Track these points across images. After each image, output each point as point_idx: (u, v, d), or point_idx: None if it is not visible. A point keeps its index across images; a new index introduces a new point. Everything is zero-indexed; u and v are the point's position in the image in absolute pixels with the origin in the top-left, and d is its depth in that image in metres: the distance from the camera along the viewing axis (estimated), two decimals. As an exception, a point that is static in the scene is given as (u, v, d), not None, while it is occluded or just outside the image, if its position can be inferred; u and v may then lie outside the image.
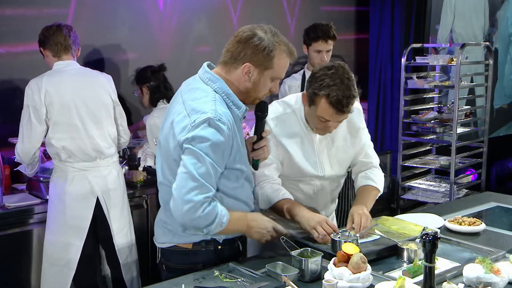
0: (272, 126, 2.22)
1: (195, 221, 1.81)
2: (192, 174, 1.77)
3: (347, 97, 2.04)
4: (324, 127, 2.16)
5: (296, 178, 2.31)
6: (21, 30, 3.39)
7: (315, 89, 2.08)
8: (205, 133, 1.77)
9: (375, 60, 5.27)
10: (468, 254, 2.08)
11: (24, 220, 2.97)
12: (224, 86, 1.88)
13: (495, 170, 5.13)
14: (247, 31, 1.86)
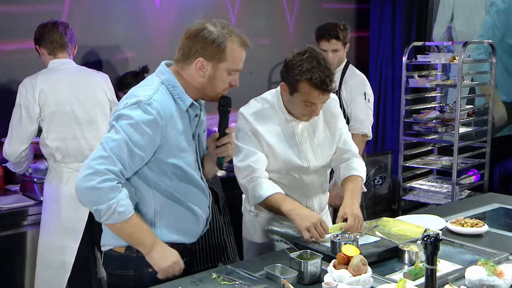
0: (251, 121, 2.24)
1: (88, 192, 1.73)
2: (103, 146, 1.76)
3: (328, 75, 2.10)
4: (309, 111, 2.18)
5: (282, 172, 2.29)
6: (14, 27, 3.36)
7: (296, 76, 2.11)
8: (131, 112, 1.77)
9: (376, 58, 5.25)
10: (471, 256, 2.06)
11: (18, 222, 2.95)
12: (171, 78, 1.87)
13: (498, 170, 5.10)
14: (196, 26, 1.84)
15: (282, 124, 2.27)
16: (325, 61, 2.13)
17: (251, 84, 4.54)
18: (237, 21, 4.40)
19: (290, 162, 2.26)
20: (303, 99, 2.14)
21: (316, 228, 2.06)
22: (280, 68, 4.92)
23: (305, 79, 2.09)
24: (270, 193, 2.16)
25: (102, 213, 1.75)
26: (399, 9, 5.13)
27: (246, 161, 2.20)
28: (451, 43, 4.91)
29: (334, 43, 3.36)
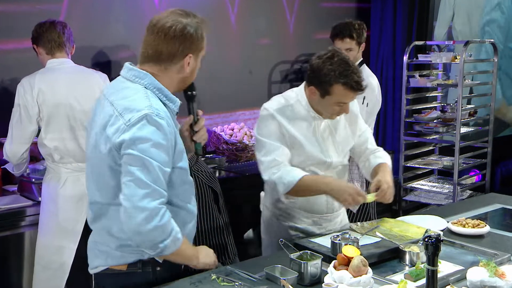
0: (276, 115, 2.29)
1: (152, 233, 1.67)
2: (140, 180, 1.65)
3: (360, 76, 2.20)
4: (340, 110, 2.27)
5: (305, 167, 2.32)
6: (12, 27, 3.35)
7: (330, 80, 2.18)
8: (145, 132, 1.67)
9: (377, 58, 5.24)
10: (472, 257, 2.05)
11: (16, 223, 2.93)
12: (154, 81, 1.79)
13: (500, 171, 5.08)
14: (174, 23, 1.76)
15: (306, 121, 2.33)
16: (350, 61, 2.21)
17: (251, 84, 4.54)
18: (236, 20, 4.39)
19: (314, 157, 2.32)
20: (336, 101, 2.22)
21: (354, 199, 2.16)
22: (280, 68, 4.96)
23: (340, 82, 2.17)
24: (299, 176, 2.20)
25: (168, 246, 1.72)
26: (400, 8, 5.11)
27: (271, 156, 2.25)
28: (452, 42, 4.89)
29: (348, 42, 3.39)
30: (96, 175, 1.79)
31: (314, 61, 2.23)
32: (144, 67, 1.81)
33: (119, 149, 1.69)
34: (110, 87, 1.87)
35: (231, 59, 4.40)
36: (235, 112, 4.45)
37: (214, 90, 4.30)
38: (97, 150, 1.76)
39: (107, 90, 1.86)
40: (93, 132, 1.80)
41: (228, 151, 4.09)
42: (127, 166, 1.67)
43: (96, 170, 1.79)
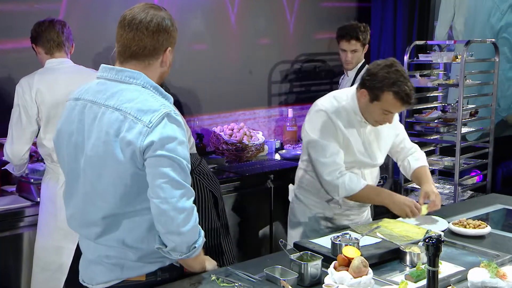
0: (333, 119, 2.43)
1: (190, 233, 1.68)
2: (175, 180, 1.64)
3: (412, 90, 2.30)
4: (384, 118, 2.39)
5: (351, 167, 2.50)
6: (10, 26, 3.33)
7: (382, 86, 2.29)
8: (169, 131, 1.65)
9: (377, 57, 5.21)
10: (473, 258, 2.05)
11: (14, 223, 2.91)
12: (149, 80, 1.75)
13: (501, 171, 5.06)
14: (153, 17, 1.74)
15: (355, 124, 2.47)
16: (407, 75, 2.32)
17: (251, 84, 4.53)
18: (236, 20, 4.37)
19: (361, 160, 2.50)
20: (383, 108, 2.33)
21: (412, 212, 2.37)
22: (280, 68, 4.95)
23: (391, 91, 2.27)
24: (361, 186, 2.41)
25: (199, 247, 1.73)
26: (400, 7, 5.10)
27: (332, 158, 2.41)
28: (453, 42, 4.87)
29: (354, 43, 3.56)
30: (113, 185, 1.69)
31: (372, 66, 2.37)
32: (127, 66, 1.76)
33: (144, 153, 1.64)
34: (95, 92, 1.75)
35: (231, 59, 4.39)
36: (235, 112, 4.43)
37: (214, 90, 4.29)
38: (110, 158, 1.67)
39: (92, 96, 1.75)
40: (94, 140, 1.70)
41: (227, 151, 4.08)
42: (158, 168, 1.63)
43: (111, 180, 1.69)
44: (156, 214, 1.66)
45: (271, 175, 3.83)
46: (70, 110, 1.80)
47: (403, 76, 2.29)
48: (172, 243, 1.69)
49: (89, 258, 1.83)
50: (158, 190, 1.64)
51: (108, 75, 1.77)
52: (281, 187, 3.85)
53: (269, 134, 4.66)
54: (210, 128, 4.28)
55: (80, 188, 1.77)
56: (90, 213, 1.76)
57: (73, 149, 1.77)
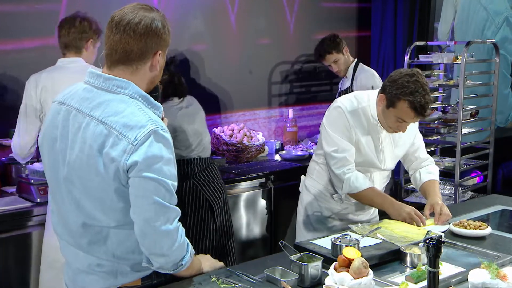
0: (349, 117, 2.48)
1: (175, 253, 1.67)
2: (159, 203, 1.59)
3: (428, 102, 2.30)
4: (398, 126, 2.41)
5: (360, 166, 2.54)
6: (10, 27, 3.34)
7: (399, 94, 2.31)
8: (155, 150, 1.58)
9: (377, 58, 5.21)
10: (474, 259, 2.05)
11: (14, 224, 2.90)
12: (138, 89, 1.66)
13: (501, 172, 5.06)
14: (141, 18, 1.64)
15: (371, 127, 2.52)
16: (427, 88, 2.32)
17: (251, 84, 4.53)
18: (236, 20, 4.37)
19: (370, 162, 2.55)
20: (397, 116, 2.36)
21: (412, 218, 2.36)
22: (280, 68, 4.95)
23: (407, 99, 2.29)
24: (365, 186, 2.46)
25: (187, 261, 1.72)
26: (400, 8, 5.09)
27: (344, 154, 2.47)
28: (453, 42, 4.87)
29: (330, 57, 3.91)
30: (97, 199, 1.65)
31: (394, 73, 2.39)
32: (114, 72, 1.67)
33: (128, 171, 1.58)
34: (80, 99, 1.68)
35: (231, 60, 4.39)
36: (235, 112, 4.43)
37: (214, 90, 4.28)
38: (93, 173, 1.61)
39: (77, 103, 1.68)
40: (77, 151, 1.64)
41: (228, 152, 4.07)
42: (142, 190, 1.59)
43: (96, 193, 1.64)
44: (138, 236, 1.63)
45: (271, 176, 3.83)
46: (55, 114, 1.73)
47: (423, 87, 2.30)
48: (157, 263, 1.68)
49: (77, 267, 1.77)
50: (140, 212, 1.60)
51: (96, 82, 1.68)
52: (281, 188, 3.84)
53: (269, 134, 4.65)
54: (210, 129, 4.27)
55: (64, 196, 1.71)
56: (73, 222, 1.71)
57: (56, 155, 1.71)
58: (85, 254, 1.73)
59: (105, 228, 1.68)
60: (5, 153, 3.33)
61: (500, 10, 5.33)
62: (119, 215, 1.65)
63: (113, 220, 1.66)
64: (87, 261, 1.74)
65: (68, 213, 1.72)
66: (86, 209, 1.67)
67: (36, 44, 3.41)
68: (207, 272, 1.90)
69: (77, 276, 1.78)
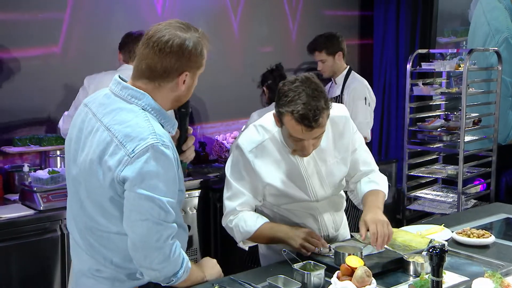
0: (251, 158, 2.08)
1: (166, 268, 1.65)
2: (152, 220, 1.58)
3: (313, 109, 1.87)
4: (300, 147, 1.99)
5: (289, 204, 2.17)
6: (15, 35, 3.36)
7: (280, 107, 1.93)
8: (151, 167, 1.55)
9: (380, 66, 5.22)
10: (477, 268, 2.02)
11: (17, 232, 2.90)
12: (152, 102, 1.64)
13: (505, 180, 5.04)
14: (171, 37, 1.63)
15: (285, 156, 2.10)
16: (316, 91, 1.90)
17: (253, 91, 4.52)
18: (239, 28, 4.38)
19: (296, 197, 2.14)
20: (289, 133, 1.96)
21: (310, 242, 2.03)
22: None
23: (286, 111, 1.90)
24: (256, 226, 2.08)
25: (180, 276, 1.69)
26: (403, 16, 5.10)
27: (234, 202, 2.11)
28: (456, 50, 4.88)
29: (318, 55, 3.74)
30: (98, 204, 1.66)
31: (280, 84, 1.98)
32: (138, 83, 1.67)
33: (122, 183, 1.58)
34: (98, 104, 1.70)
35: (233, 67, 4.40)
36: (238, 120, 4.43)
37: (217, 98, 4.29)
38: (95, 178, 1.62)
39: (95, 107, 1.70)
40: (85, 154, 1.66)
41: (230, 159, 4.07)
42: (136, 205, 1.58)
43: (96, 197, 1.65)
44: (129, 248, 1.63)
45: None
46: (78, 114, 1.76)
47: (305, 93, 1.88)
48: (148, 276, 1.68)
49: (80, 268, 1.78)
50: (133, 226, 1.60)
51: (115, 89, 1.69)
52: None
53: (272, 142, 4.64)
54: (213, 137, 4.27)
55: (73, 195, 1.75)
56: (80, 221, 1.73)
57: (69, 154, 1.74)
58: (88, 256, 1.74)
59: (105, 233, 1.68)
60: (8, 161, 3.34)
61: (501, 28, 5.34)
62: (117, 221, 1.65)
63: (114, 226, 1.67)
64: (88, 264, 1.75)
65: (75, 212, 1.75)
66: (89, 212, 1.68)
67: (40, 52, 3.43)
68: (210, 280, 1.89)
69: (79, 279, 1.80)
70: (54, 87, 3.52)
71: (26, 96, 3.39)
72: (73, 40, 3.59)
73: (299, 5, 4.79)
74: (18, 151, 3.20)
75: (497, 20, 5.36)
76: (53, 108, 3.53)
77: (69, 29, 3.47)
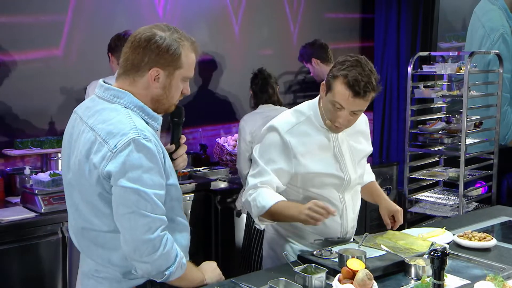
0: (287, 139, 2.12)
1: (158, 261, 1.65)
2: (138, 212, 1.60)
3: (365, 81, 1.99)
4: (336, 116, 2.07)
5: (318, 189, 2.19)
6: (16, 38, 3.36)
7: (335, 72, 2.05)
8: (134, 159, 1.59)
9: (381, 68, 5.22)
10: (479, 271, 2.02)
11: (19, 235, 2.90)
12: (133, 100, 1.69)
13: (506, 182, 5.03)
14: (144, 32, 1.68)
15: (321, 136, 2.17)
16: (370, 71, 2.03)
17: (255, 94, 4.52)
18: (240, 31, 4.39)
19: (330, 176, 2.17)
20: (333, 100, 2.05)
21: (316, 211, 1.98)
22: (284, 79, 4.95)
23: (340, 75, 2.01)
24: (273, 202, 2.06)
25: (173, 272, 1.69)
26: (404, 19, 5.10)
27: (256, 179, 2.13)
28: (457, 53, 4.88)
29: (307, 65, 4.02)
30: (90, 203, 1.70)
31: None
32: (118, 83, 1.73)
33: (108, 178, 1.62)
34: (85, 108, 1.76)
35: (234, 70, 4.40)
36: (239, 122, 4.43)
37: (218, 100, 4.29)
38: (84, 178, 1.67)
39: (82, 111, 1.76)
40: (74, 157, 1.72)
41: (231, 162, 4.07)
42: (121, 198, 1.61)
43: (88, 197, 1.69)
44: (121, 242, 1.66)
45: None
46: (69, 121, 1.81)
47: (362, 67, 2.01)
48: (140, 270, 1.69)
49: (83, 270, 1.82)
50: (121, 220, 1.63)
51: (98, 92, 1.75)
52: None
53: (273, 145, 4.64)
54: (213, 139, 4.27)
55: (68, 199, 1.80)
56: (76, 225, 1.77)
57: (63, 161, 1.81)
58: (88, 258, 1.79)
59: (100, 233, 1.71)
60: (9, 163, 3.34)
61: (496, 27, 5.34)
62: (109, 220, 1.68)
63: (105, 225, 1.69)
64: (88, 266, 1.79)
65: (71, 216, 1.79)
66: (83, 213, 1.72)
67: (41, 55, 3.44)
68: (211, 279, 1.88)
69: (82, 281, 1.84)
70: (55, 90, 3.52)
71: (28, 98, 3.39)
72: (75, 43, 3.59)
73: (300, 7, 4.80)
74: (19, 153, 3.20)
75: (491, 20, 5.36)
76: (54, 111, 3.53)
77: (70, 32, 3.47)
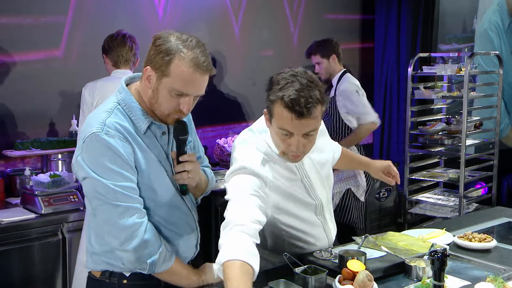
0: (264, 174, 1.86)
1: (138, 250, 1.67)
2: (108, 203, 1.64)
3: (306, 97, 1.72)
4: (287, 145, 1.81)
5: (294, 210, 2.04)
6: (17, 39, 3.36)
7: (271, 96, 1.78)
8: (95, 153, 1.64)
9: (381, 69, 5.22)
10: (479, 272, 2.01)
11: (18, 236, 2.90)
12: (127, 98, 1.73)
13: (506, 183, 5.03)
14: (164, 33, 1.69)
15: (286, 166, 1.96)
16: (310, 82, 1.76)
17: (255, 95, 4.55)
18: (240, 32, 4.39)
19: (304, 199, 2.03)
20: (278, 127, 1.79)
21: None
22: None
23: (277, 97, 1.75)
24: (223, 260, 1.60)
25: (156, 262, 1.71)
26: (404, 20, 5.11)
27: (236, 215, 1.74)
28: (457, 54, 4.88)
29: (313, 58, 3.96)
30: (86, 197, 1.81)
31: None
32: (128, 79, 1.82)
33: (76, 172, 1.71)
34: None
35: (234, 71, 4.40)
36: (239, 123, 4.44)
37: (218, 101, 4.30)
38: None
39: None
40: None
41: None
42: (89, 191, 1.68)
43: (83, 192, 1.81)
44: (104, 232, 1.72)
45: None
46: None
47: (299, 81, 1.74)
48: (120, 260, 1.72)
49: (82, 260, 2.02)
50: (98, 212, 1.69)
51: None
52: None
53: (273, 145, 4.64)
54: (214, 140, 4.27)
55: None
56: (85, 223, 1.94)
57: None
58: None
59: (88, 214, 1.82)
60: (9, 164, 3.34)
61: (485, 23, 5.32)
62: None
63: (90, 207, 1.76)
64: None
65: None
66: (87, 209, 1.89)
67: (42, 56, 3.44)
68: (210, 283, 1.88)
69: None
70: (55, 91, 3.52)
71: (28, 99, 3.39)
72: (75, 44, 3.60)
73: (300, 9, 4.80)
74: (19, 154, 3.20)
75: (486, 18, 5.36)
76: (54, 112, 3.53)
77: (71, 33, 3.47)
